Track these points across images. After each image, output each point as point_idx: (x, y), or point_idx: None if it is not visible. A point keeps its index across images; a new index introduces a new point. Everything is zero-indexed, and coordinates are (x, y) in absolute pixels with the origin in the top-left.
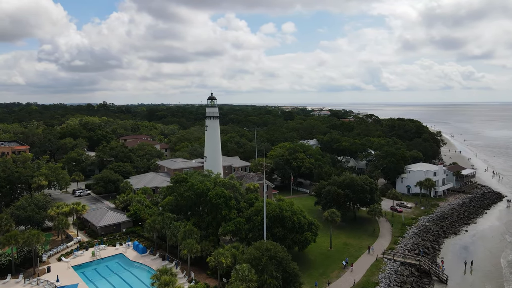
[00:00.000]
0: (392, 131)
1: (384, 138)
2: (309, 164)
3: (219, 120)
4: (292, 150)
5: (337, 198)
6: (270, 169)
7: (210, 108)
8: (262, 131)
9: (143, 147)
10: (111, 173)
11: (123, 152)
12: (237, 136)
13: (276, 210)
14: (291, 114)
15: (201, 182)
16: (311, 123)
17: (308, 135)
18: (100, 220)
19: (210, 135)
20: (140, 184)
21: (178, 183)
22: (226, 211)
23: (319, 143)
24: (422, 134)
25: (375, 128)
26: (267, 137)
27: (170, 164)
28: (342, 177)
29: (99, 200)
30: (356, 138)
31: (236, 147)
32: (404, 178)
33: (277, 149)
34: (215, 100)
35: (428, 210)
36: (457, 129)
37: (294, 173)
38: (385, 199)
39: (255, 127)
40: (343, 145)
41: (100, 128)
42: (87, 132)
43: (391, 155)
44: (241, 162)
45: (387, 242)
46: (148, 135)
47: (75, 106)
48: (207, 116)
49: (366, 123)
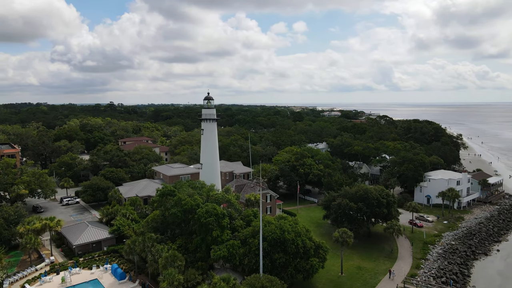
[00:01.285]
0: (407, 133)
1: (400, 142)
2: (317, 171)
3: (216, 122)
4: (299, 155)
5: (349, 213)
6: (275, 176)
7: (207, 109)
8: (268, 133)
9: (140, 151)
10: (101, 180)
11: (117, 156)
12: (241, 139)
13: (277, 232)
14: (300, 115)
15: (190, 196)
16: (320, 125)
17: (317, 138)
18: (78, 237)
19: (206, 140)
20: (131, 193)
21: (164, 196)
22: (217, 232)
23: (329, 147)
24: (441, 137)
25: (389, 130)
26: (273, 140)
27: (166, 170)
28: (354, 188)
29: (87, 210)
30: (369, 141)
31: (239, 151)
32: (423, 187)
33: (283, 153)
34: (212, 100)
35: (452, 225)
36: (474, 131)
37: (301, 180)
38: (402, 210)
39: (249, 133)
40: (355, 149)
41: (98, 130)
42: (84, 134)
43: (409, 161)
44: (244, 168)
45: (408, 265)
46: (150, 137)
47: (84, 106)
48: (203, 119)
49: (379, 125)
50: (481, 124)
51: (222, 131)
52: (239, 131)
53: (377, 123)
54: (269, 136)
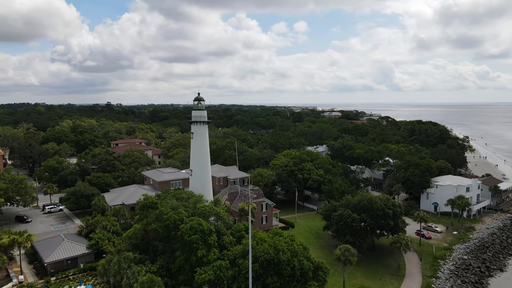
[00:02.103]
0: (411, 135)
1: (404, 144)
2: (317, 177)
3: (207, 125)
4: (298, 160)
5: (351, 225)
6: (272, 182)
7: (197, 111)
8: (266, 135)
9: (131, 154)
10: (85, 187)
11: (106, 160)
12: (238, 141)
13: (270, 252)
14: (300, 115)
15: (174, 209)
16: (320, 127)
17: (317, 140)
18: (51, 253)
19: (196, 144)
20: (117, 200)
21: (145, 209)
22: (203, 251)
23: (329, 150)
24: (447, 140)
25: (392, 132)
26: (271, 142)
27: (156, 175)
28: (357, 197)
29: (70, 219)
30: (371, 144)
31: (235, 155)
32: (430, 193)
33: (281, 157)
34: (202, 101)
35: (463, 236)
36: (477, 132)
37: (299, 186)
38: (407, 219)
39: (247, 134)
40: (356, 152)
41: (90, 131)
42: (75, 136)
43: (415, 166)
44: (239, 173)
45: (417, 285)
46: (144, 138)
47: (82, 106)
48: (193, 121)
49: (381, 126)
50: (484, 124)
51: (218, 133)
52: (236, 133)
53: (379, 124)
54: (267, 138)
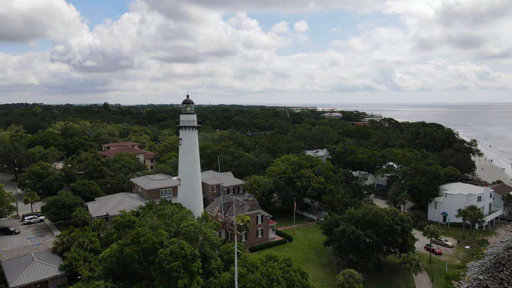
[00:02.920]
0: (416, 139)
1: (409, 149)
2: (317, 185)
3: (197, 130)
4: (296, 166)
5: (355, 242)
6: (268, 190)
7: (185, 115)
8: (264, 138)
9: (121, 158)
10: (67, 195)
11: (93, 166)
12: (233, 145)
13: (263, 283)
14: (299, 116)
15: (154, 229)
16: (320, 129)
17: (317, 144)
18: (18, 275)
19: (185, 151)
20: (101, 211)
21: (122, 229)
22: (185, 280)
23: (330, 154)
24: (453, 143)
25: (395, 135)
26: (268, 146)
27: (144, 182)
28: (361, 210)
29: (50, 230)
30: (374, 148)
31: (230, 160)
32: (439, 203)
33: (279, 162)
34: (192, 104)
35: (477, 252)
36: (480, 133)
37: (298, 195)
38: (415, 231)
39: (244, 137)
40: (359, 157)
41: (79, 134)
42: (64, 139)
43: (422, 173)
44: (234, 180)
45: None
46: (137, 141)
47: (80, 106)
48: (181, 126)
49: (383, 127)
50: (487, 125)
51: (215, 135)
52: (233, 136)
53: (381, 126)
54: (265, 142)
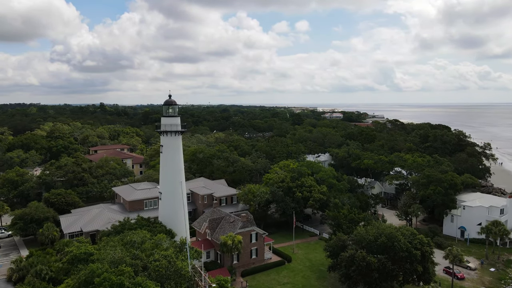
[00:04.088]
0: (425, 142)
1: (420, 154)
2: (319, 195)
3: (181, 136)
4: (296, 174)
5: (366, 271)
6: (265, 201)
7: (167, 118)
8: (261, 141)
9: (106, 164)
10: (38, 208)
11: (73, 172)
12: (228, 149)
13: None
14: (300, 117)
15: (116, 264)
16: (322, 132)
17: (319, 148)
18: None
19: (167, 160)
20: (75, 226)
21: (75, 264)
22: None
23: (333, 159)
24: (466, 147)
25: (402, 138)
26: (266, 150)
27: (126, 192)
28: (372, 231)
29: (17, 248)
30: (380, 152)
31: (224, 166)
32: (456, 216)
33: (277, 169)
34: (175, 106)
35: (503, 275)
36: (485, 134)
37: (298, 207)
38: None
39: (239, 141)
40: (364, 163)
41: (65, 137)
42: (47, 142)
43: (437, 182)
44: (227, 189)
45: None
46: (128, 144)
47: (76, 107)
48: (162, 131)
49: (388, 128)
50: (491, 126)
51: (210, 138)
52: (229, 138)
53: (385, 128)
54: (262, 146)
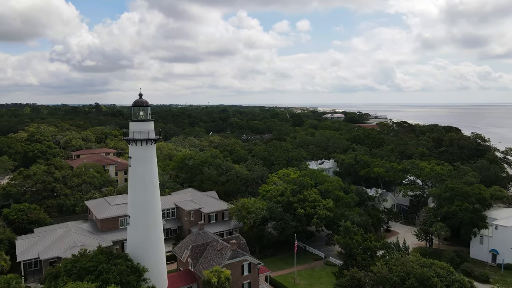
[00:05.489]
0: (439, 146)
1: (438, 161)
2: (325, 212)
3: (155, 144)
4: (297, 186)
5: None
6: (261, 218)
7: (137, 123)
8: (259, 145)
9: (84, 172)
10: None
11: (43, 182)
12: (221, 155)
13: None
14: (300, 117)
15: None
16: (325, 135)
17: (322, 153)
18: None
19: (136, 176)
20: (32, 252)
21: None
22: None
23: (338, 166)
24: (485, 153)
25: (413, 141)
26: (263, 156)
27: (99, 207)
28: (397, 268)
29: None
30: (391, 158)
31: (215, 175)
32: (486, 237)
33: (276, 180)
34: (147, 107)
35: None
36: (492, 136)
37: (300, 225)
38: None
39: (234, 145)
40: (375, 172)
41: (45, 140)
42: (22, 147)
43: (463, 196)
44: (217, 203)
45: None
46: (115, 147)
47: (72, 107)
48: (130, 140)
49: (395, 131)
50: (497, 127)
51: (203, 141)
52: (224, 142)
53: (394, 130)
54: (260, 150)
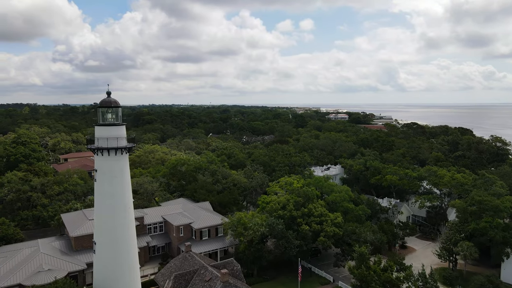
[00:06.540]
0: (454, 150)
1: (457, 167)
2: (333, 229)
3: (128, 155)
4: (302, 198)
5: None
6: (260, 236)
7: (104, 128)
8: (259, 148)
9: (66, 179)
10: None
11: (17, 191)
12: (218, 160)
13: None
14: (303, 118)
15: None
16: (331, 138)
17: (327, 157)
18: None
19: (103, 195)
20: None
21: None
22: None
23: (346, 172)
24: (506, 157)
25: (426, 145)
26: (264, 161)
27: (74, 222)
28: None
29: None
30: (404, 164)
31: (210, 182)
32: None
33: (277, 189)
34: (116, 108)
35: None
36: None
37: (304, 244)
38: None
39: (230, 148)
40: (387, 179)
41: (31, 143)
42: (4, 150)
43: (493, 211)
44: (210, 217)
45: None
46: None
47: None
48: (96, 149)
49: (408, 134)
50: (504, 128)
51: (201, 144)
52: (220, 146)
53: (403, 132)
54: (260, 154)
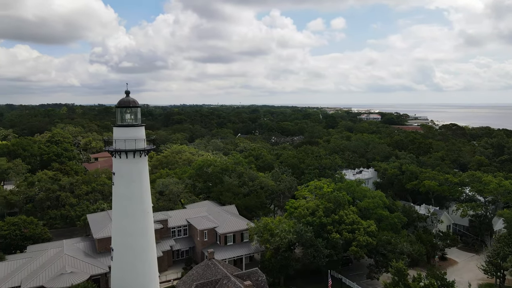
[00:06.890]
0: (499, 154)
1: (506, 174)
2: (366, 238)
3: (147, 157)
4: (332, 204)
5: None
6: (287, 243)
7: (122, 129)
8: (288, 149)
9: (95, 178)
10: None
11: (47, 191)
12: (245, 162)
13: None
14: (334, 119)
15: None
16: (363, 140)
17: (359, 160)
18: None
19: (121, 198)
20: (13, 281)
21: None
22: None
23: (379, 176)
24: None
25: (467, 148)
26: (292, 163)
27: (99, 223)
28: None
29: None
30: (444, 169)
31: (237, 185)
32: None
33: (306, 193)
34: (135, 108)
35: None
36: None
37: (335, 253)
38: None
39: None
40: (426, 185)
41: (64, 142)
42: (38, 149)
43: None
44: (236, 221)
45: None
46: None
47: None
48: (114, 151)
49: (446, 136)
50: None
51: (228, 145)
52: (248, 147)
53: (441, 134)
54: (289, 156)
